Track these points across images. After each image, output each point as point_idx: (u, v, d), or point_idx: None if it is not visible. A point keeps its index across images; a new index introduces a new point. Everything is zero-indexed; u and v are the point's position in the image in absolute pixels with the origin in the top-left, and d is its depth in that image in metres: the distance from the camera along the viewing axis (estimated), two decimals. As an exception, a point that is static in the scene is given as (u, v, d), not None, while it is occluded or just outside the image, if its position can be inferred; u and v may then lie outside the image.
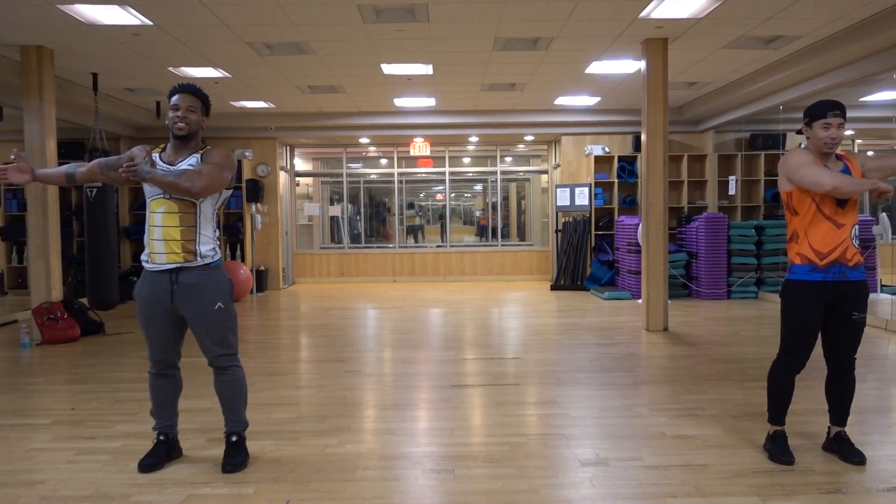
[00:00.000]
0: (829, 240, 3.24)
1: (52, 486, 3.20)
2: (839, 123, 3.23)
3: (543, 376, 5.36)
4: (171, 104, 3.29)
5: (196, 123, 3.31)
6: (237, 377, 3.41)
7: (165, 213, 3.22)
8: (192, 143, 3.34)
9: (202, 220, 3.27)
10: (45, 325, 6.89)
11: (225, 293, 3.31)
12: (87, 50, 7.18)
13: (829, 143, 3.23)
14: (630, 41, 7.19)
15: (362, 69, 8.26)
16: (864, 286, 3.34)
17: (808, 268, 3.30)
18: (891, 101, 9.93)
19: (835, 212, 3.24)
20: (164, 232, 3.22)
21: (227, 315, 3.32)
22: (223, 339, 3.31)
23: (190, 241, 3.22)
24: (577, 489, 3.11)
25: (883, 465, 3.36)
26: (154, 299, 3.25)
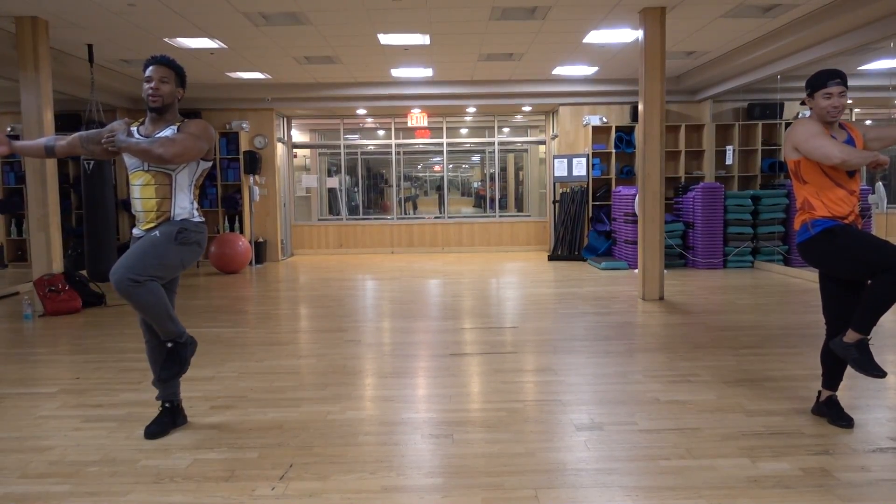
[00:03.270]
0: (846, 205, 3.29)
1: (60, 451, 3.28)
2: (840, 92, 3.25)
3: (540, 344, 5.44)
4: (144, 76, 3.33)
5: (170, 95, 3.32)
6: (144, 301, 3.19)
7: (143, 185, 3.28)
8: (170, 115, 3.36)
9: (177, 190, 3.31)
10: (46, 297, 6.95)
11: (170, 231, 3.26)
12: (82, 21, 7.14)
13: (832, 111, 3.26)
14: (628, 10, 7.16)
15: (359, 40, 8.22)
16: None
17: (834, 220, 3.28)
18: (888, 69, 9.89)
19: (845, 179, 3.29)
20: (143, 203, 3.29)
21: (152, 244, 3.22)
22: (128, 261, 3.16)
23: (164, 212, 3.29)
24: (573, 452, 3.19)
25: (870, 427, 3.45)
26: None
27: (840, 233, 3.28)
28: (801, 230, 3.41)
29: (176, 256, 3.29)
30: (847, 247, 3.26)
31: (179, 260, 3.32)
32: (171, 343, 3.41)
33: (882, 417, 3.61)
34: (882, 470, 2.93)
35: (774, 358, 4.80)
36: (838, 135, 3.33)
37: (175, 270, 3.38)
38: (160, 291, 3.25)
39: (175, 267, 3.34)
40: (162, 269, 3.26)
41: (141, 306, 3.24)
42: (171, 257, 3.28)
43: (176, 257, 3.30)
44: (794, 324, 5.93)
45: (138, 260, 3.18)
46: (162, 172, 3.27)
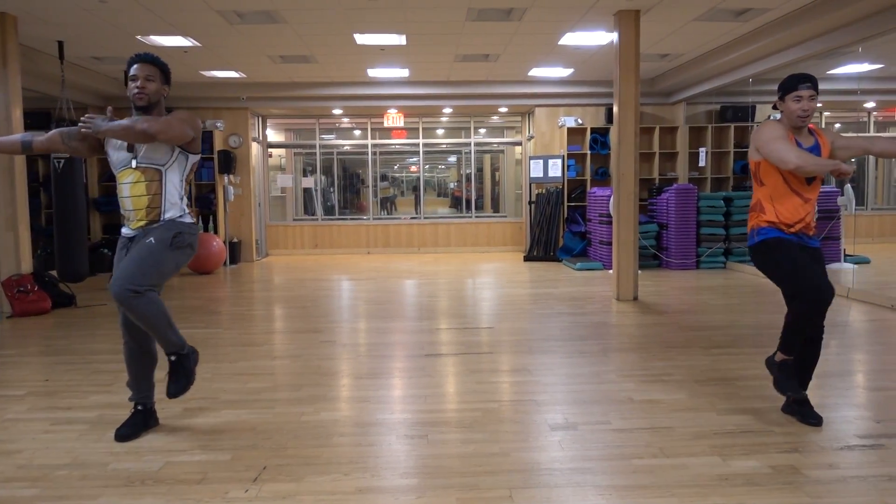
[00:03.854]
0: (796, 212, 3.34)
1: (28, 455, 3.22)
2: (810, 95, 3.29)
3: (516, 345, 5.46)
4: (129, 75, 3.28)
5: (156, 93, 3.29)
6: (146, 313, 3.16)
7: (132, 183, 3.23)
8: (155, 112, 3.33)
9: (168, 187, 3.27)
10: (15, 298, 6.82)
11: (166, 235, 3.22)
12: (52, 17, 7.02)
13: (802, 115, 3.30)
14: (603, 12, 7.21)
15: (335, 39, 8.19)
16: (819, 252, 3.45)
17: (777, 230, 3.37)
18: (857, 73, 10.09)
19: (802, 186, 3.33)
20: (133, 202, 3.24)
21: (149, 251, 3.18)
22: (129, 272, 3.12)
23: (155, 209, 3.25)
24: (547, 452, 3.21)
25: (839, 425, 3.51)
26: (118, 261, 3.30)
27: (774, 246, 3.38)
28: (749, 234, 3.50)
29: (171, 261, 3.27)
30: (775, 263, 3.40)
31: (175, 264, 3.30)
32: (174, 356, 3.39)
33: (850, 416, 3.68)
34: (850, 467, 2.99)
35: (746, 357, 4.87)
36: (806, 140, 3.37)
37: (170, 275, 3.36)
38: (160, 302, 3.25)
39: (171, 272, 3.33)
40: (159, 276, 3.25)
41: (142, 318, 3.21)
42: (167, 263, 3.25)
43: (171, 262, 3.27)
44: (766, 324, 6.02)
45: (137, 269, 3.15)
46: (151, 168, 3.22)
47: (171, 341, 3.35)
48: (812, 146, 3.35)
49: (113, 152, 3.31)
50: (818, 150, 3.36)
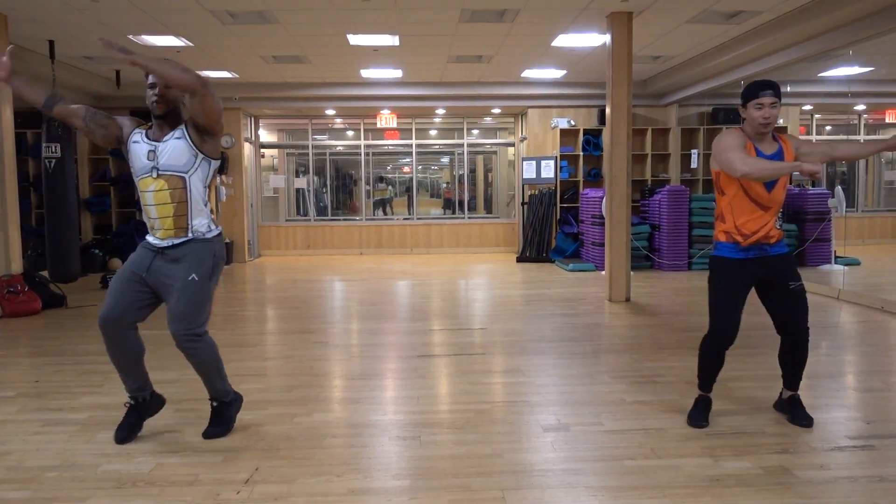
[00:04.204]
0: (754, 222, 3.31)
1: (18, 456, 3.20)
2: (771, 102, 3.25)
3: (508, 346, 5.46)
4: (148, 82, 3.15)
5: (174, 101, 3.16)
6: (204, 359, 3.28)
7: (156, 191, 3.15)
8: (174, 119, 3.20)
9: (193, 194, 3.20)
10: (5, 299, 6.78)
11: (205, 266, 3.21)
12: (43, 16, 6.98)
13: (763, 122, 3.26)
14: (595, 14, 7.23)
15: (328, 39, 8.18)
16: (787, 256, 3.43)
17: (731, 246, 3.38)
18: (847, 76, 10.15)
19: (762, 196, 3.30)
20: (158, 210, 3.16)
21: (199, 290, 3.19)
22: (186, 317, 3.17)
23: (182, 217, 3.17)
24: (539, 453, 3.21)
25: (830, 426, 3.53)
26: (134, 266, 3.23)
27: (717, 268, 3.45)
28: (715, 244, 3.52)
29: (213, 287, 3.32)
30: (712, 284, 3.47)
31: (215, 286, 3.35)
32: (215, 402, 3.40)
33: (840, 417, 3.70)
34: (840, 468, 3.00)
35: (736, 359, 4.88)
36: (769, 147, 3.32)
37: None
38: (215, 347, 3.31)
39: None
40: (209, 306, 3.29)
41: (199, 362, 3.26)
42: (212, 292, 3.30)
43: (214, 287, 3.32)
44: (756, 325, 6.03)
45: (194, 310, 3.18)
46: (175, 176, 3.15)
47: (217, 388, 3.39)
48: (774, 153, 3.32)
49: (134, 158, 3.20)
50: (781, 157, 3.32)
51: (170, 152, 3.15)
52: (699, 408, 3.58)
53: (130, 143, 3.22)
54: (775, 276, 3.39)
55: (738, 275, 3.38)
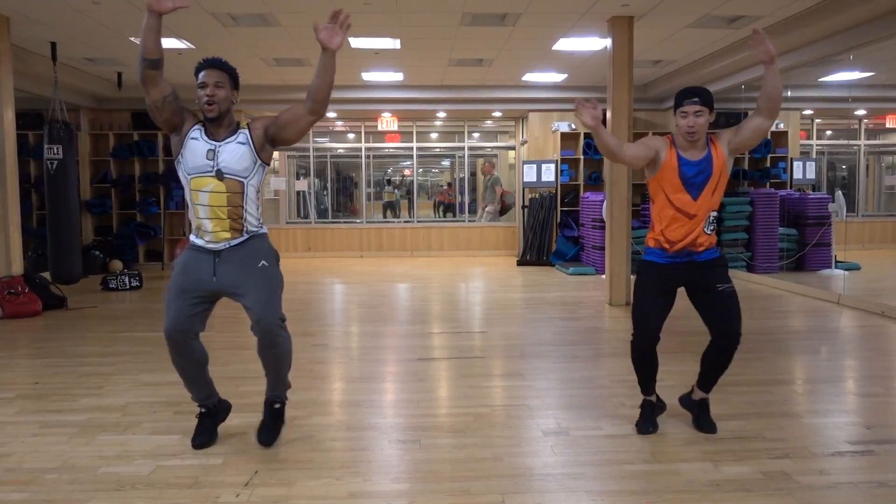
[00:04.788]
0: (680, 230, 3.28)
1: (17, 458, 3.20)
2: (696, 111, 3.17)
3: (508, 349, 5.46)
4: (198, 82, 3.09)
5: (226, 100, 3.09)
6: (285, 348, 3.22)
7: (213, 192, 3.06)
8: (227, 120, 3.14)
9: (249, 197, 3.14)
10: (5, 300, 6.78)
11: (270, 254, 3.20)
12: (45, 18, 6.99)
13: (689, 130, 3.19)
14: (596, 18, 7.24)
15: (329, 42, 8.17)
16: (716, 261, 3.37)
17: (658, 251, 3.36)
18: (848, 81, 10.16)
19: (687, 204, 3.25)
20: (212, 211, 3.07)
21: (273, 275, 3.16)
22: (271, 303, 3.10)
23: (237, 220, 3.12)
24: (539, 457, 3.21)
25: (829, 431, 3.53)
26: (194, 278, 3.13)
27: (642, 271, 3.44)
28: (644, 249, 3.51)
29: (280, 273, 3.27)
30: (636, 287, 3.44)
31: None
32: (278, 404, 3.38)
33: (840, 422, 3.70)
34: (840, 473, 3.00)
35: (736, 363, 4.82)
36: (698, 153, 3.26)
37: None
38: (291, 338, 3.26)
39: None
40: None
41: (281, 352, 3.22)
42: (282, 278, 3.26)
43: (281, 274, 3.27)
44: (756, 329, 6.05)
45: (275, 298, 3.15)
46: (235, 180, 3.08)
47: (285, 383, 3.37)
48: (700, 159, 3.25)
49: (189, 153, 3.09)
50: (709, 163, 3.25)
51: (232, 156, 3.08)
52: (643, 413, 3.54)
53: (188, 137, 3.11)
54: (703, 280, 3.34)
55: (660, 279, 3.36)
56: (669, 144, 3.30)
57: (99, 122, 11.41)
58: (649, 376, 3.53)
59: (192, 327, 3.18)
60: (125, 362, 4.97)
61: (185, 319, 3.13)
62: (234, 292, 3.14)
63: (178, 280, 3.16)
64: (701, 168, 3.25)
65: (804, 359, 5.22)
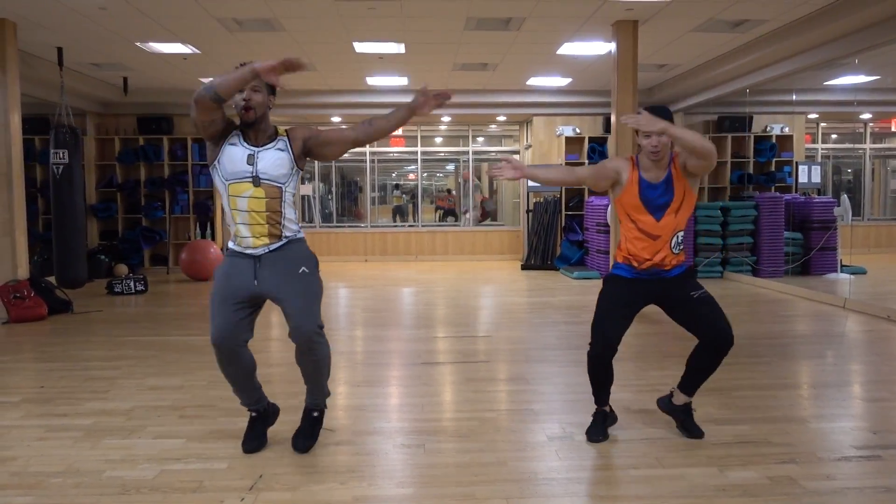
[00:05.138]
0: (646, 250, 3.29)
1: (23, 462, 3.21)
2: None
3: (513, 354, 5.45)
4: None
5: (262, 105, 3.09)
6: (324, 355, 3.25)
7: (251, 197, 3.07)
8: (264, 125, 3.14)
9: (286, 202, 3.15)
10: (11, 304, 6.80)
11: (310, 260, 3.22)
12: (51, 24, 7.03)
13: (652, 150, 3.20)
14: (601, 22, 7.24)
15: (333, 47, 8.21)
16: (684, 274, 3.37)
17: (626, 267, 3.37)
18: (853, 85, 10.14)
19: (651, 226, 3.27)
20: (250, 217, 3.08)
21: (313, 282, 3.20)
22: (310, 310, 3.15)
23: (276, 225, 3.13)
24: (544, 462, 3.20)
25: (836, 436, 3.52)
26: (236, 284, 3.13)
27: (607, 281, 3.45)
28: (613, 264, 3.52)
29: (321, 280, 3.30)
30: (600, 296, 3.44)
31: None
32: (316, 412, 3.39)
33: (847, 426, 3.68)
34: (847, 478, 2.98)
35: (742, 367, 4.87)
36: (658, 174, 3.26)
37: None
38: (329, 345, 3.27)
39: None
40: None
41: (320, 359, 3.24)
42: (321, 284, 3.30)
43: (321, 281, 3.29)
44: (762, 333, 6.03)
45: (314, 305, 3.19)
46: (273, 186, 3.09)
47: (324, 391, 3.38)
48: (661, 181, 3.26)
49: (227, 159, 3.09)
50: (669, 185, 3.25)
51: (271, 162, 3.08)
52: (595, 422, 3.50)
53: (227, 143, 3.12)
54: (675, 292, 3.34)
55: (626, 291, 3.36)
56: (632, 165, 3.32)
57: (105, 126, 11.45)
58: (604, 387, 3.50)
59: (239, 334, 3.18)
60: (130, 366, 4.98)
61: (231, 327, 3.14)
62: (274, 297, 3.17)
63: (220, 288, 3.17)
64: (661, 190, 3.25)
65: (810, 363, 5.20)
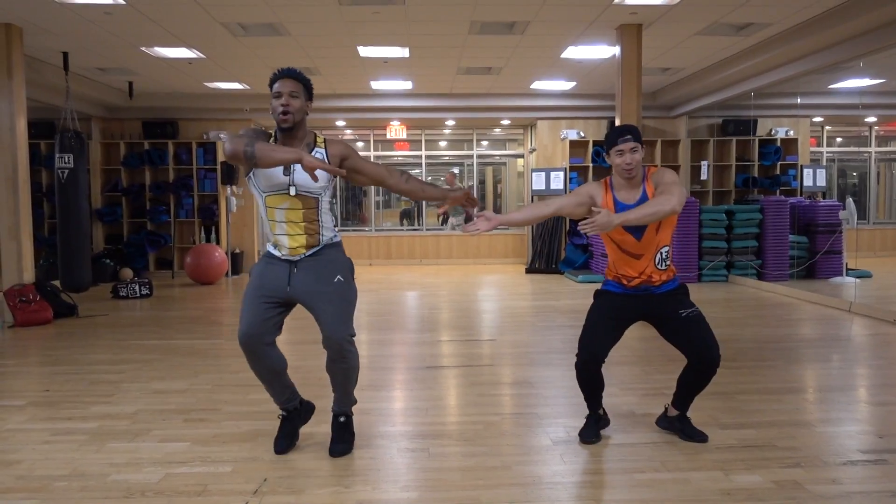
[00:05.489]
0: (632, 269, 3.34)
1: (28, 465, 3.21)
2: (631, 148, 3.20)
3: (518, 357, 5.45)
4: (272, 92, 3.14)
5: (300, 111, 3.12)
6: (353, 362, 3.27)
7: (290, 209, 3.10)
8: (300, 132, 3.17)
9: (323, 210, 3.18)
10: (17, 308, 6.82)
11: (345, 267, 3.23)
12: (57, 28, 7.07)
13: (626, 167, 3.23)
14: (605, 26, 7.24)
15: (338, 51, 8.23)
16: (675, 291, 3.39)
17: (616, 284, 3.41)
18: (858, 88, 10.12)
19: (633, 246, 3.31)
20: (288, 227, 3.12)
21: (348, 289, 3.21)
22: (344, 319, 3.16)
23: (314, 235, 3.16)
24: (548, 466, 3.19)
25: (841, 440, 3.50)
26: (269, 282, 3.18)
27: (597, 296, 3.50)
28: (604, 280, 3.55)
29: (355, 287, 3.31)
30: (590, 309, 3.50)
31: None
32: (343, 417, 3.41)
33: (852, 430, 3.66)
34: (853, 482, 2.97)
35: (747, 371, 4.86)
36: (633, 195, 3.29)
37: None
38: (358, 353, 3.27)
39: None
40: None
41: (349, 367, 3.25)
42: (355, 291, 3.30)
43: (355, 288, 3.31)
44: (767, 337, 6.01)
45: (347, 313, 3.19)
46: (310, 196, 3.11)
47: (350, 398, 3.41)
48: (637, 201, 3.28)
49: (262, 174, 3.10)
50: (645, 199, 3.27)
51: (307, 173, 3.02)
52: (587, 424, 3.53)
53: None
54: (664, 309, 3.36)
55: (615, 305, 3.39)
56: (605, 188, 3.36)
57: (110, 131, 11.49)
58: (594, 394, 3.52)
59: (266, 332, 3.19)
60: (135, 370, 4.99)
61: (259, 324, 3.16)
62: (307, 303, 3.19)
63: (253, 286, 3.21)
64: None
65: (815, 367, 5.18)
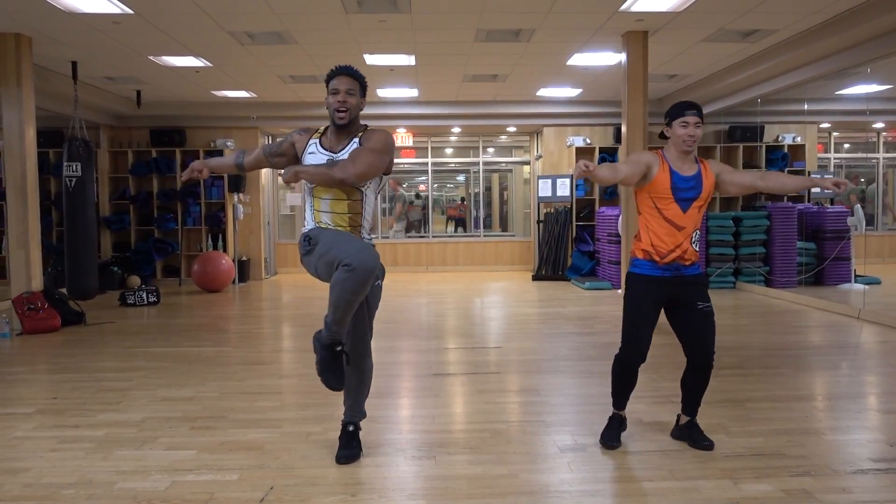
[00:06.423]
0: (670, 240, 3.34)
1: (36, 473, 3.22)
2: (696, 122, 3.30)
3: (524, 365, 5.43)
4: (329, 89, 3.21)
5: (356, 108, 3.21)
6: (369, 367, 3.43)
7: (333, 199, 3.18)
8: (353, 126, 3.25)
9: (366, 203, 3.24)
10: (25, 315, 6.85)
11: (381, 272, 3.29)
12: (66, 38, 7.12)
13: (688, 139, 3.31)
14: (611, 33, 7.25)
15: (344, 59, 8.13)
16: (700, 278, 3.45)
17: (648, 263, 3.39)
18: (865, 94, 10.09)
19: (677, 215, 3.34)
20: (332, 218, 3.19)
21: (377, 296, 3.34)
22: (371, 322, 3.36)
23: (356, 228, 3.23)
24: (556, 474, 3.18)
25: (851, 448, 3.47)
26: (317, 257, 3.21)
27: (631, 285, 3.47)
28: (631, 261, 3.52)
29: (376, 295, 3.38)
30: (626, 301, 3.48)
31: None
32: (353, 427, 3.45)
33: (862, 439, 3.64)
34: (863, 491, 2.94)
35: (756, 378, 4.83)
36: (689, 169, 3.36)
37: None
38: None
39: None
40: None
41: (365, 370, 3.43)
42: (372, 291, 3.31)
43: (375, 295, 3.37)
44: (775, 344, 5.97)
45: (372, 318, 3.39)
46: (354, 188, 3.18)
47: (362, 409, 3.47)
48: (692, 175, 3.35)
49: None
50: (699, 179, 3.35)
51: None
52: (611, 427, 3.55)
53: (306, 154, 3.24)
54: (685, 296, 3.39)
55: (651, 292, 3.39)
56: (661, 159, 3.39)
57: (118, 139, 11.55)
58: (625, 392, 3.54)
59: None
60: (142, 377, 5.00)
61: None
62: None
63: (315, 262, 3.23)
64: (692, 184, 3.34)
65: (824, 374, 5.15)
